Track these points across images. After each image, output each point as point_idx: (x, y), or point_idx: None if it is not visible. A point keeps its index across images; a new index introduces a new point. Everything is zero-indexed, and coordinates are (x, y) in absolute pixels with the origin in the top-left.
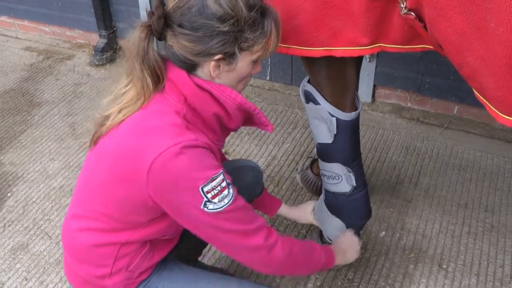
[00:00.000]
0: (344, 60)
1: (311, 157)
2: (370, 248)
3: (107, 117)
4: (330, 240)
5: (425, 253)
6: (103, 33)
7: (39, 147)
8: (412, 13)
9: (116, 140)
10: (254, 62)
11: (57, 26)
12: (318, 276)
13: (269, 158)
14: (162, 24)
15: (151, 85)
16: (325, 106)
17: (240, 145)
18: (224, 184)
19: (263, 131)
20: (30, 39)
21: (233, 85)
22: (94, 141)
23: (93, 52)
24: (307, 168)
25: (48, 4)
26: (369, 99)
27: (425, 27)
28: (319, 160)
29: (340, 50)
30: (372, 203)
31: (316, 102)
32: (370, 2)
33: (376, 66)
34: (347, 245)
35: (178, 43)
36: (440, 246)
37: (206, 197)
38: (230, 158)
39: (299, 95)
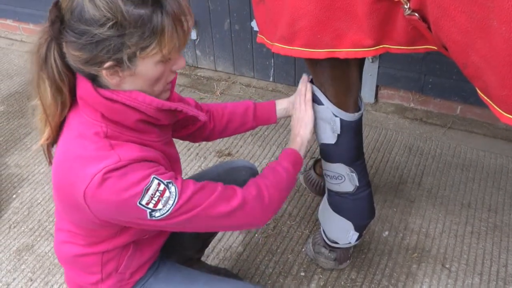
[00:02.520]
0: (348, 61)
1: (314, 158)
2: (373, 248)
3: (40, 131)
4: (333, 241)
5: (428, 253)
6: None
7: None
8: (416, 14)
9: (53, 170)
10: (163, 61)
11: None
12: (321, 276)
13: (272, 158)
14: (57, 29)
15: (54, 98)
16: (328, 106)
17: (244, 146)
18: (162, 187)
19: (266, 132)
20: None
21: (147, 89)
22: (49, 158)
23: None
24: (310, 169)
25: None
26: (372, 100)
27: (429, 27)
28: (322, 160)
29: (344, 52)
30: (375, 203)
31: (319, 103)
32: (373, 4)
33: (379, 67)
34: (302, 116)
35: (68, 51)
36: (443, 245)
37: (149, 208)
38: (233, 159)
39: None
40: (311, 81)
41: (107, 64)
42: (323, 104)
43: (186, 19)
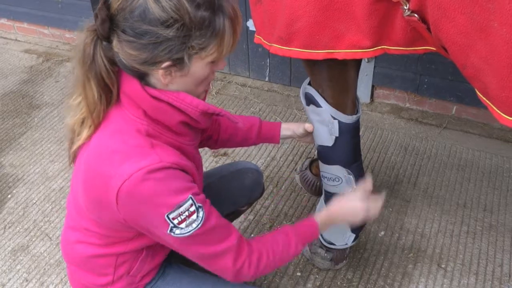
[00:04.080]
0: (346, 62)
1: (310, 158)
2: (369, 248)
3: (73, 131)
4: (329, 243)
5: (424, 253)
6: None
7: (39, 149)
8: (416, 15)
9: (84, 163)
10: (213, 62)
11: (56, 28)
12: (317, 276)
13: (268, 158)
14: (107, 28)
15: (99, 96)
16: (327, 108)
17: None
18: (192, 208)
19: None
20: (29, 42)
21: (192, 89)
22: (72, 158)
23: None
24: (306, 169)
25: (48, 6)
26: (368, 100)
27: (428, 28)
28: (319, 162)
29: (343, 53)
30: None
31: (317, 105)
32: (372, 4)
33: (374, 67)
34: (345, 209)
35: (123, 51)
36: (439, 245)
37: (172, 223)
38: (230, 159)
39: (297, 96)
40: (309, 83)
41: (165, 64)
42: (321, 107)
43: (239, 23)
